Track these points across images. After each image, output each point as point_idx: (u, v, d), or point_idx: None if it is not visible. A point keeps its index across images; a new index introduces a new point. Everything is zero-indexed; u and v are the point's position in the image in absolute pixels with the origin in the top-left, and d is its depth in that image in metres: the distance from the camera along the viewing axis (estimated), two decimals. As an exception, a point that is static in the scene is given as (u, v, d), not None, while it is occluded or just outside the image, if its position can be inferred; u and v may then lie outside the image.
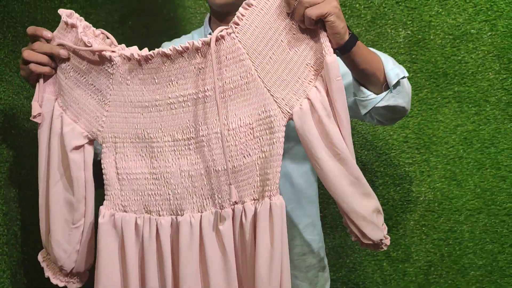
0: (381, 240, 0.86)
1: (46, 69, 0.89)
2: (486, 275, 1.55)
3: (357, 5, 1.47)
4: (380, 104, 0.94)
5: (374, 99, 0.94)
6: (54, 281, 0.99)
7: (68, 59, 0.90)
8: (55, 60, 0.90)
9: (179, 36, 1.26)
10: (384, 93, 0.93)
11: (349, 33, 0.80)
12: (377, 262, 1.61)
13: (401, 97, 0.95)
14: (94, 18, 1.33)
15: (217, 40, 0.81)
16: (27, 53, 0.87)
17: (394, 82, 0.91)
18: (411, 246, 1.58)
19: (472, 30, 1.44)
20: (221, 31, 0.80)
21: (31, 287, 1.12)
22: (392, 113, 0.99)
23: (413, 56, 1.47)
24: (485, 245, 1.54)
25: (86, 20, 0.91)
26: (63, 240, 0.95)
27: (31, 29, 0.88)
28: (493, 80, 1.45)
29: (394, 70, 0.92)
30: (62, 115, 0.90)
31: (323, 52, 0.78)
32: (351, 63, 0.86)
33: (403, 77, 0.93)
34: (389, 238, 0.88)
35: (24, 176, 1.11)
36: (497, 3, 1.40)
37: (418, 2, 1.44)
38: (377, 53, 0.93)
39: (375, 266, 1.62)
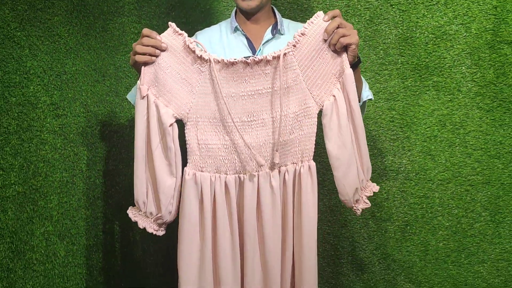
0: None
1: (146, 58, 1.14)
2: (451, 234, 1.79)
3: (359, 6, 1.74)
4: None
5: None
6: (149, 229, 1.23)
7: (166, 58, 1.15)
8: (155, 55, 1.14)
9: (214, 22, 1.54)
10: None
11: (357, 57, 1.18)
12: (364, 220, 1.89)
13: (363, 111, 1.31)
14: (146, 10, 1.65)
15: (282, 55, 1.15)
16: (139, 47, 1.13)
17: (364, 100, 1.30)
18: (392, 208, 1.84)
19: (451, 31, 1.68)
20: (285, 50, 1.15)
21: (100, 225, 1.48)
22: None
23: (402, 50, 1.73)
24: (451, 210, 1.78)
25: (140, 11, 1.20)
26: (167, 194, 1.20)
27: (146, 31, 1.14)
28: (465, 73, 1.68)
29: (367, 92, 1.31)
30: (156, 101, 1.16)
31: (343, 66, 1.15)
32: None
33: (370, 99, 1.33)
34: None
35: (106, 136, 1.47)
36: (472, 9, 1.64)
37: (408, 6, 1.70)
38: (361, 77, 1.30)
39: (362, 223, 1.89)
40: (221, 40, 1.43)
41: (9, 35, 1.19)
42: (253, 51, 1.37)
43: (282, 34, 1.39)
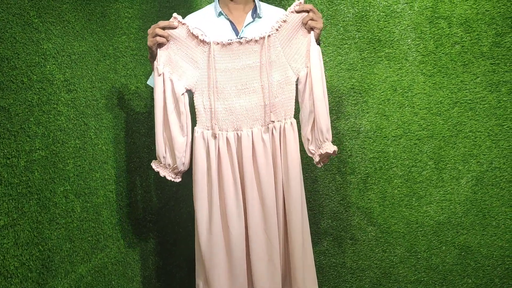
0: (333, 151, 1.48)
1: (164, 40, 1.42)
2: (404, 182, 2.00)
3: (321, -10, 1.99)
4: None
5: None
6: (168, 177, 1.52)
7: (176, 43, 1.43)
8: (168, 39, 1.42)
9: (194, 6, 1.76)
10: None
11: (319, 41, 1.48)
12: (332, 175, 2.12)
13: None
14: (135, -4, 1.86)
15: (267, 36, 1.42)
16: (158, 30, 1.40)
17: None
18: (355, 163, 2.07)
19: (398, 9, 1.90)
20: (269, 32, 1.42)
21: (108, 185, 1.69)
22: None
23: (358, 27, 1.96)
24: (404, 161, 1.99)
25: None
26: (180, 149, 1.48)
27: (161, 22, 1.42)
28: (410, 45, 1.90)
29: None
30: (170, 77, 1.44)
31: (311, 43, 1.42)
32: None
33: None
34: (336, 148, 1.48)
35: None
36: (414, -9, 1.89)
37: (362, -11, 1.95)
38: None
39: (330, 178, 2.13)
40: (208, 23, 1.59)
41: (29, 21, 1.38)
42: (236, 32, 1.57)
43: (260, 18, 1.58)
